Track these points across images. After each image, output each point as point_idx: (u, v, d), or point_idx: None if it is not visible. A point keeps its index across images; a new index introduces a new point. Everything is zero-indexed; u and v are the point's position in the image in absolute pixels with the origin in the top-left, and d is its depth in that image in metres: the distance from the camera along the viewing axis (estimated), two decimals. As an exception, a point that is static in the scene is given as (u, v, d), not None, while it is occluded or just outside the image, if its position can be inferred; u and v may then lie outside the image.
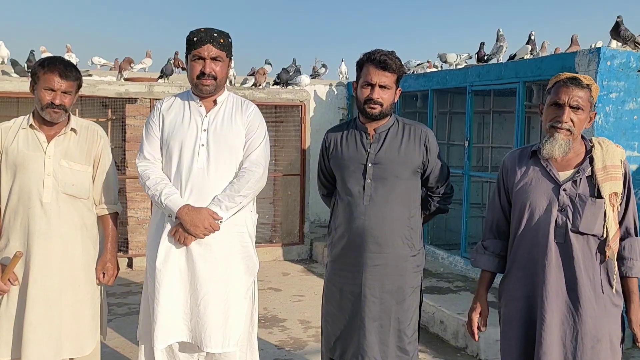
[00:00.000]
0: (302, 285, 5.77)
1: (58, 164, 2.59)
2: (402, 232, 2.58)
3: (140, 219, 6.17)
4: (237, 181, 2.63)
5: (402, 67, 2.59)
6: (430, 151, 2.61)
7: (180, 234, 2.57)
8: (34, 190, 2.55)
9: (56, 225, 2.57)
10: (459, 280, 5.36)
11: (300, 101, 6.72)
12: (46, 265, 2.56)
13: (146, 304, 2.73)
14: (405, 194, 2.59)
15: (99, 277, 2.73)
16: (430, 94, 6.22)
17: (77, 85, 2.63)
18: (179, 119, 2.69)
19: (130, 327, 4.28)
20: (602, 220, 2.12)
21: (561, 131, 2.15)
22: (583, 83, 2.15)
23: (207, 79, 2.61)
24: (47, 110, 2.54)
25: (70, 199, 2.62)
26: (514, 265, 2.28)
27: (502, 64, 5.23)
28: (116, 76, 6.89)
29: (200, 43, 2.59)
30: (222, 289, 2.64)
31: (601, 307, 2.14)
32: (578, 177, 2.16)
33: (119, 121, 6.32)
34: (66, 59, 2.68)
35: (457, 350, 4.15)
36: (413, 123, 2.66)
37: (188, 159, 2.62)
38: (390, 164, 2.56)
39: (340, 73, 8.64)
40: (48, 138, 2.60)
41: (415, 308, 2.63)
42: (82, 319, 2.66)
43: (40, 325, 2.54)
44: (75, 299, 2.63)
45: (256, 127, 2.73)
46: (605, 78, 4.09)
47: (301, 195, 6.85)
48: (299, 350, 4.09)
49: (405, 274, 2.58)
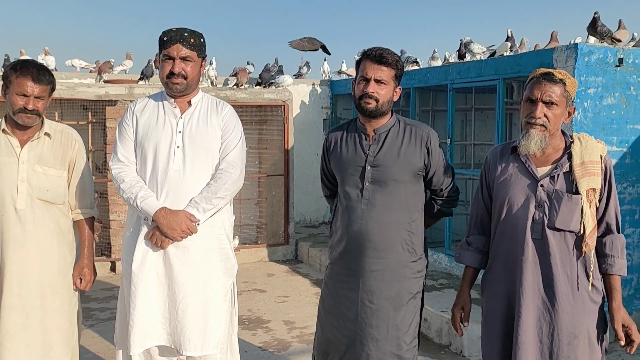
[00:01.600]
0: (287, 286, 5.75)
1: (32, 169, 2.55)
2: (402, 237, 2.48)
3: (123, 222, 6.10)
4: (214, 183, 2.61)
5: (400, 63, 2.49)
6: (432, 153, 2.49)
7: (157, 237, 2.54)
8: (7, 196, 2.50)
9: (31, 232, 2.53)
10: (443, 277, 5.38)
11: (283, 101, 6.70)
12: (21, 272, 2.52)
13: (122, 308, 2.70)
14: (405, 198, 2.48)
15: (76, 282, 2.69)
16: (412, 92, 6.23)
17: (50, 89, 2.58)
18: (153, 120, 2.66)
19: (112, 332, 4.20)
20: (579, 216, 2.11)
21: (535, 127, 2.15)
22: (556, 78, 2.15)
23: (176, 78, 2.58)
24: (19, 115, 2.50)
25: (45, 205, 2.58)
26: (495, 261, 2.29)
27: (482, 61, 5.25)
28: (95, 78, 6.82)
29: (170, 42, 2.57)
30: (201, 291, 2.61)
31: (579, 304, 2.14)
32: (556, 172, 2.16)
33: (99, 124, 6.26)
34: (39, 62, 2.64)
35: (441, 347, 4.15)
36: (415, 123, 2.55)
37: (164, 161, 2.59)
38: (390, 167, 2.45)
39: (323, 72, 8.63)
40: (21, 143, 2.56)
41: (414, 314, 2.52)
42: (60, 326, 2.62)
43: (17, 334, 2.50)
44: (53, 306, 2.59)
45: (232, 128, 2.70)
46: (583, 74, 4.11)
47: (285, 195, 6.83)
48: (283, 352, 4.08)
49: (404, 280, 2.48)
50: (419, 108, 6.46)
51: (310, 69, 8.59)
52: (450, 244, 5.73)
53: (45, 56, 6.91)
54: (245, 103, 6.45)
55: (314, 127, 8.16)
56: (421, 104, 6.55)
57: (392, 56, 2.45)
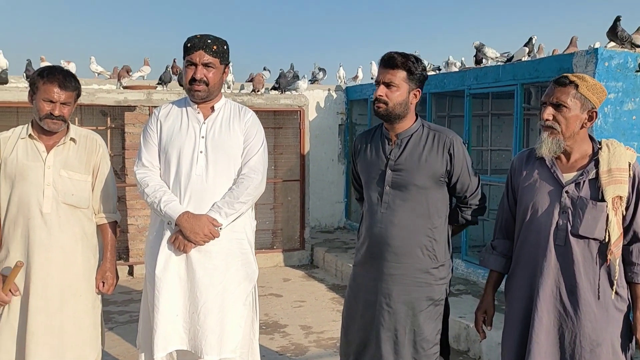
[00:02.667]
0: (303, 291, 5.75)
1: (58, 174, 2.59)
2: (422, 242, 2.45)
3: (141, 226, 6.16)
4: (236, 188, 2.63)
5: (414, 65, 2.41)
6: (455, 159, 2.44)
7: (180, 241, 2.57)
8: (33, 200, 2.54)
9: (57, 236, 2.57)
10: (460, 283, 5.35)
11: (299, 106, 6.73)
12: (47, 275, 2.55)
13: (146, 311, 2.72)
14: (426, 204, 2.45)
15: (98, 286, 2.72)
16: (428, 98, 6.23)
17: (76, 95, 2.63)
18: (177, 125, 2.69)
19: (131, 335, 4.27)
20: (603, 224, 2.08)
21: (545, 130, 2.14)
22: (566, 80, 2.12)
23: (198, 84, 2.62)
24: (45, 121, 2.54)
25: (70, 209, 2.61)
26: (517, 266, 2.29)
27: (500, 66, 5.23)
28: (115, 84, 6.90)
29: (193, 49, 2.60)
30: (221, 295, 2.63)
31: (602, 312, 2.11)
32: (581, 179, 2.13)
33: (118, 129, 6.33)
34: (65, 68, 2.68)
35: (459, 353, 4.13)
36: (440, 129, 2.51)
37: (187, 166, 2.62)
38: (410, 172, 2.43)
39: (339, 78, 8.65)
40: (47, 148, 2.60)
41: (435, 320, 2.49)
42: (84, 328, 2.66)
43: (42, 336, 2.53)
44: (77, 308, 2.63)
45: (254, 133, 2.73)
46: (603, 79, 4.09)
47: (301, 200, 6.85)
48: (301, 356, 4.08)
49: (424, 285, 2.45)
50: (435, 114, 6.45)
51: (326, 74, 8.62)
52: (467, 250, 5.71)
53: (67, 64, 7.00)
54: (262, 108, 6.48)
55: (329, 132, 8.18)
56: (437, 110, 6.54)
57: (401, 58, 2.40)
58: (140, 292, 5.54)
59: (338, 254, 6.51)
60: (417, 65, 2.43)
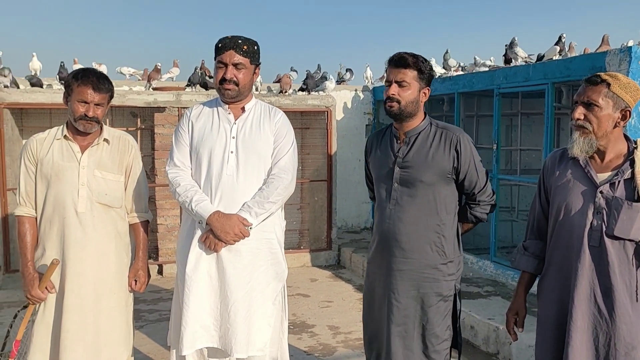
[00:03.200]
0: (330, 291, 5.76)
1: (92, 174, 2.65)
2: (430, 238, 2.50)
3: (170, 226, 6.25)
4: (266, 188, 2.66)
5: (424, 64, 2.48)
6: (462, 156, 2.48)
7: (211, 240, 2.60)
8: (68, 200, 2.60)
9: (91, 234, 2.63)
10: (488, 285, 5.29)
11: (326, 107, 6.73)
12: (81, 273, 2.61)
13: (177, 309, 2.76)
14: (433, 200, 2.50)
15: (131, 284, 2.77)
16: (456, 97, 6.17)
17: (109, 97, 2.68)
18: (208, 126, 2.73)
19: (161, 333, 4.33)
20: (639, 224, 2.04)
21: (577, 130, 2.11)
22: (597, 79, 2.08)
23: (228, 84, 2.65)
24: (80, 122, 2.60)
25: (104, 208, 2.67)
26: (550, 267, 2.25)
27: (530, 66, 5.16)
28: (145, 86, 7.01)
29: (223, 49, 2.64)
30: (250, 294, 2.66)
31: (638, 314, 2.07)
32: (616, 179, 2.09)
33: (148, 130, 6.43)
34: (99, 70, 2.74)
35: (488, 356, 4.09)
36: (447, 127, 2.55)
37: (217, 166, 2.66)
38: (418, 169, 2.48)
39: (366, 78, 8.63)
40: (82, 149, 2.66)
41: (444, 316, 2.53)
42: (117, 326, 2.71)
43: (76, 333, 2.59)
44: (110, 306, 2.68)
45: (284, 133, 2.75)
46: (637, 77, 3.99)
47: (328, 201, 6.85)
48: (329, 356, 4.09)
49: (432, 281, 2.50)
50: (464, 113, 6.39)
51: (354, 75, 8.60)
52: (495, 251, 5.64)
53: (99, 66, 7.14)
54: (289, 109, 6.50)
55: (356, 132, 8.17)
56: (466, 109, 6.48)
57: (412, 58, 2.47)
58: (170, 291, 5.65)
59: (365, 255, 6.49)
60: (425, 65, 2.51)
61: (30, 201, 2.66)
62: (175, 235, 6.29)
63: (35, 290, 2.55)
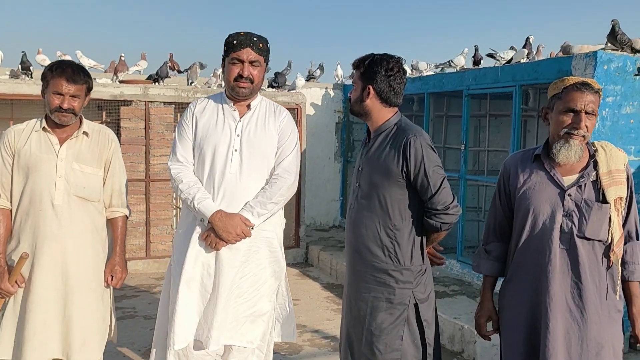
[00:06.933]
0: (298, 289, 5.73)
1: (70, 167, 2.61)
2: (383, 242, 2.37)
3: (135, 222, 6.14)
4: (270, 188, 2.65)
5: (367, 62, 2.39)
6: (410, 159, 2.30)
7: (212, 238, 2.59)
8: (45, 192, 2.56)
9: (67, 228, 2.58)
10: (455, 284, 5.34)
11: (296, 104, 6.70)
12: (55, 266, 2.56)
13: (165, 308, 2.73)
14: (384, 202, 2.36)
15: (107, 279, 2.72)
16: (426, 97, 6.21)
17: (86, 89, 2.64)
18: (212, 122, 2.70)
19: (123, 332, 4.23)
20: (607, 225, 2.10)
21: (577, 137, 2.12)
22: (595, 88, 2.12)
23: (244, 81, 2.63)
24: (55, 114, 2.57)
25: (81, 202, 2.63)
26: (518, 271, 2.24)
27: (499, 68, 5.23)
28: (111, 78, 6.86)
29: (240, 46, 2.60)
30: (249, 292, 2.67)
31: (605, 313, 2.12)
32: (583, 181, 2.13)
33: (113, 124, 6.28)
34: (75, 62, 2.70)
35: (453, 354, 4.12)
36: (406, 127, 2.39)
37: (221, 164, 2.64)
38: (370, 169, 2.41)
39: (337, 76, 8.62)
40: (60, 141, 2.62)
41: (394, 325, 2.36)
42: (92, 321, 2.66)
43: (44, 327, 2.54)
44: (86, 301, 2.63)
45: (289, 133, 2.75)
46: (602, 82, 4.08)
47: (297, 198, 6.82)
48: (295, 355, 4.06)
49: (384, 286, 2.37)
50: (433, 113, 6.44)
51: (324, 71, 8.58)
52: (462, 250, 5.70)
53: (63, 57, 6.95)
54: (259, 105, 6.44)
55: (326, 130, 8.15)
56: (435, 109, 6.52)
57: (357, 61, 2.43)
58: (134, 288, 5.55)
59: (333, 253, 6.49)
60: (369, 63, 2.42)
61: (5, 193, 2.61)
62: (140, 231, 6.18)
63: (5, 284, 2.50)
